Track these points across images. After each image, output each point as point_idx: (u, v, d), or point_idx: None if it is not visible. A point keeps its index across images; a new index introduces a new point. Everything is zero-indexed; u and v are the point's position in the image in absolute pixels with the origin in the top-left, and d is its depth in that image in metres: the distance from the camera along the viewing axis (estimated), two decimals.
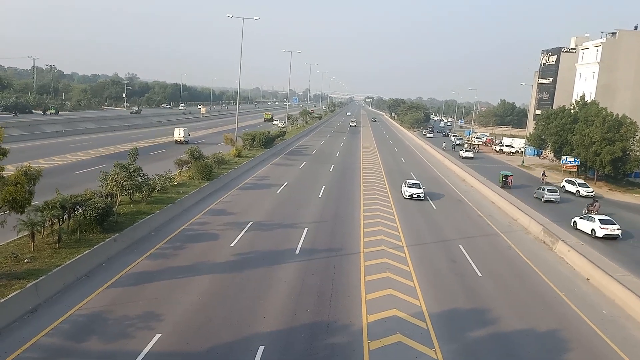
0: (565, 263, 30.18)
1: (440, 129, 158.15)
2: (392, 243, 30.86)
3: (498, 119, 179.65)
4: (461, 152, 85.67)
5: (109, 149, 61.72)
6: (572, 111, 71.03)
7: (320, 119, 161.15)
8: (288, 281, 23.41)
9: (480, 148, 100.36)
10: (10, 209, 21.02)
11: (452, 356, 17.82)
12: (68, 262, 21.74)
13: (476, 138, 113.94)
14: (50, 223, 24.86)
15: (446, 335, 19.28)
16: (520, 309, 22.58)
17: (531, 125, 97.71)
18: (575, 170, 63.74)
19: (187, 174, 44.30)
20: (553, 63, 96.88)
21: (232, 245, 28.09)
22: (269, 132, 76.80)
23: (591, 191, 53.54)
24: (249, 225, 32.20)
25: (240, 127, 76.49)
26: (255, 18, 65.16)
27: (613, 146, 56.78)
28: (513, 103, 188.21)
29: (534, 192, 51.63)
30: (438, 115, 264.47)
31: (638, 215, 46.54)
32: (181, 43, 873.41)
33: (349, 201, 42.49)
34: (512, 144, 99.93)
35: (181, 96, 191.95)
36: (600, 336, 20.55)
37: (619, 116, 61.01)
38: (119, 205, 31.29)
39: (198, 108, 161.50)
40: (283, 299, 21.36)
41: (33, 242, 23.33)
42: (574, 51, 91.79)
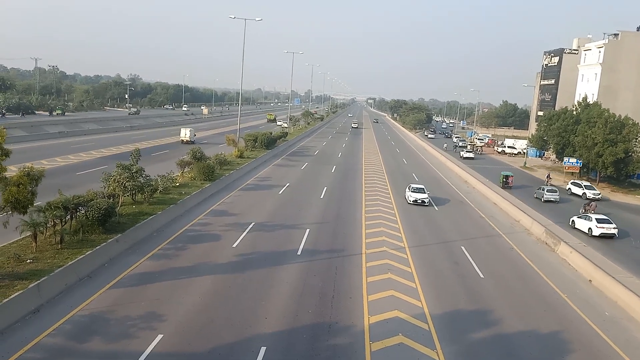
0: (567, 264, 30.14)
1: (442, 130, 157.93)
2: (394, 244, 30.85)
3: (500, 120, 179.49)
4: (462, 153, 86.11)
5: (111, 150, 61.85)
6: (575, 112, 70.95)
7: (322, 120, 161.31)
8: (290, 282, 23.42)
9: (483, 149, 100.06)
10: (12, 210, 21.08)
11: (454, 357, 17.82)
12: (70, 263, 21.80)
13: (478, 139, 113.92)
14: (52, 224, 24.92)
15: (448, 336, 19.27)
16: (522, 311, 22.55)
17: (533, 126, 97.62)
18: (577, 171, 63.67)
19: (189, 175, 44.33)
20: (555, 64, 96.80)
21: (234, 246, 28.12)
22: (271, 133, 76.91)
23: (598, 194, 52.33)
24: (251, 226, 32.22)
25: (242, 128, 76.53)
26: (257, 19, 65.19)
27: (615, 147, 56.74)
28: (515, 104, 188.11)
29: (534, 192, 52.06)
30: (440, 116, 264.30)
31: (639, 216, 46.51)
32: (183, 44, 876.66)
33: (351, 202, 42.49)
34: (514, 145, 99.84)
35: (183, 97, 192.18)
36: (602, 338, 20.51)
37: (622, 117, 60.98)
38: (121, 206, 31.36)
39: (201, 109, 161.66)
40: (285, 300, 21.37)
41: (35, 243, 23.38)
42: (576, 52, 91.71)
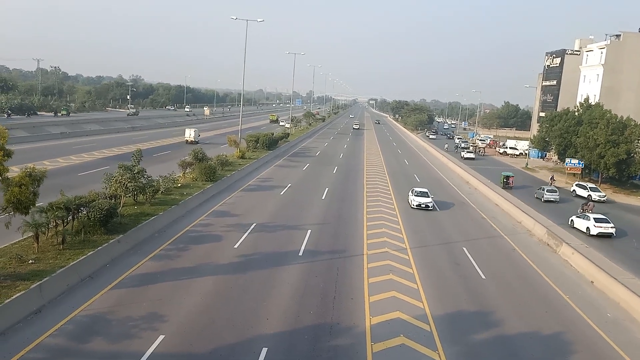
0: (569, 265, 30.09)
1: (444, 131, 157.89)
2: (396, 245, 30.82)
3: (502, 121, 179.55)
4: (463, 154, 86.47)
5: (113, 151, 61.91)
6: (576, 113, 70.91)
7: (323, 121, 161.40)
8: (291, 283, 23.41)
9: (486, 151, 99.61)
10: (14, 210, 21.12)
11: (456, 358, 17.78)
12: (72, 264, 21.80)
13: (480, 140, 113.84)
14: (54, 224, 24.92)
15: (450, 337, 19.24)
16: (524, 312, 22.51)
17: (535, 127, 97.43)
18: (579, 172, 63.59)
19: (191, 176, 44.36)
20: (557, 65, 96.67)
21: (236, 246, 28.11)
22: (273, 134, 76.97)
23: (603, 196, 51.79)
24: (253, 226, 32.22)
25: (243, 129, 76.63)
26: (259, 20, 65.24)
27: (617, 148, 56.69)
28: (517, 105, 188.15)
29: (535, 193, 52.51)
30: (442, 117, 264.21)
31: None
32: (185, 45, 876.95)
33: (352, 203, 42.47)
34: (516, 146, 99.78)
35: (185, 98, 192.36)
36: (604, 339, 20.46)
37: (624, 118, 60.95)
38: (123, 206, 31.37)
39: (203, 110, 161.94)
40: (286, 301, 21.35)
41: (37, 244, 23.40)
42: (578, 53, 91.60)
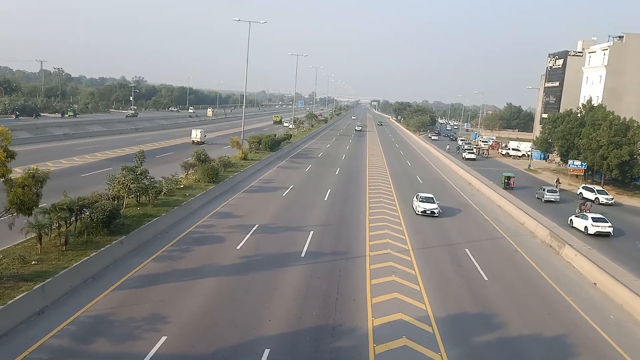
0: (572, 267, 30.02)
1: (446, 133, 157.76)
2: (398, 246, 30.80)
3: (504, 123, 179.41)
4: (464, 154, 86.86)
5: (116, 152, 62.02)
6: (579, 115, 70.81)
7: (326, 122, 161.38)
8: (294, 284, 23.41)
9: (489, 152, 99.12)
10: (17, 211, 21.14)
11: None
12: (75, 265, 21.85)
13: (482, 141, 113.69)
14: (57, 225, 24.97)
15: (452, 339, 19.21)
16: (526, 314, 22.48)
17: (538, 128, 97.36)
18: (582, 174, 63.45)
19: (194, 177, 44.43)
20: (560, 66, 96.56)
21: (238, 248, 28.13)
22: (275, 135, 77.00)
23: (611, 199, 51.48)
24: (255, 228, 32.24)
25: (246, 130, 76.75)
26: (261, 22, 65.35)
27: (620, 150, 56.57)
28: (519, 106, 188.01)
29: (536, 193, 53.21)
30: (444, 118, 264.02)
31: None
32: (188, 47, 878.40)
33: (355, 204, 42.46)
34: (519, 148, 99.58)
35: (188, 99, 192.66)
36: (607, 341, 20.41)
37: (626, 120, 60.82)
38: (126, 207, 31.44)
39: (206, 111, 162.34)
40: (288, 302, 21.35)
41: (40, 244, 23.47)
42: (581, 55, 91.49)
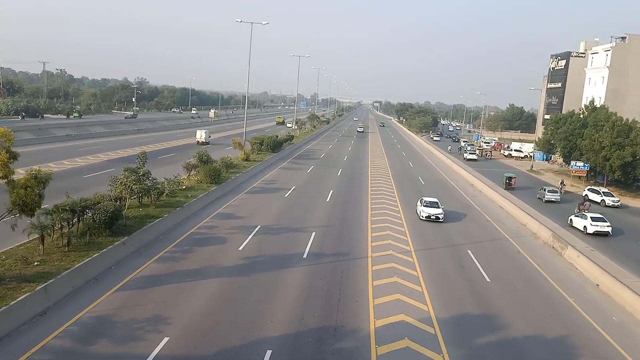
0: (574, 269, 29.95)
1: (449, 134, 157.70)
2: (400, 247, 30.77)
3: (506, 124, 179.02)
4: (465, 155, 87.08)
5: (118, 153, 62.12)
6: (582, 116, 70.68)
7: (328, 123, 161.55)
8: (296, 285, 23.41)
9: (492, 154, 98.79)
10: (20, 212, 21.16)
11: None
12: (77, 266, 21.90)
13: (485, 142, 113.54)
14: (59, 226, 25.00)
15: (454, 340, 19.19)
16: (529, 315, 22.43)
17: (540, 129, 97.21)
18: (584, 175, 63.37)
19: (196, 178, 44.48)
20: (562, 67, 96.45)
21: (240, 249, 28.15)
22: (277, 136, 77.07)
23: (617, 201, 50.88)
24: (257, 229, 32.25)
25: (248, 131, 76.80)
26: (263, 23, 65.38)
27: (623, 151, 56.45)
28: (522, 107, 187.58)
29: (537, 193, 53.56)
30: (446, 119, 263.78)
31: None
32: (190, 48, 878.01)
33: (357, 205, 42.45)
34: (521, 149, 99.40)
35: (190, 100, 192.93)
36: (610, 343, 20.36)
37: (629, 121, 60.70)
38: (128, 208, 31.45)
39: (210, 112, 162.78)
40: (291, 303, 21.35)
41: (43, 246, 23.50)
42: (583, 56, 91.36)
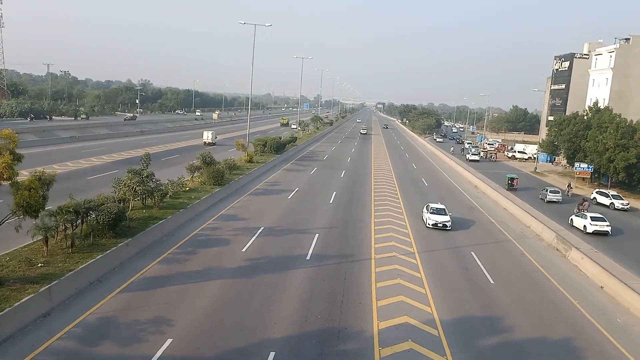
0: (578, 270, 29.84)
1: (452, 135, 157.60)
2: (404, 249, 30.73)
3: (510, 125, 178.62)
4: (468, 156, 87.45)
5: (122, 155, 62.28)
6: (585, 117, 70.47)
7: (331, 125, 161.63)
8: (299, 287, 23.40)
9: (497, 156, 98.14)
10: (24, 214, 21.23)
11: None
12: (81, 267, 21.93)
13: (488, 144, 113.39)
14: (63, 228, 25.05)
15: (458, 343, 19.13)
16: (533, 317, 22.35)
17: (544, 131, 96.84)
18: (588, 176, 63.18)
19: (199, 180, 44.53)
20: (566, 69, 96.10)
21: (243, 250, 28.15)
22: (280, 138, 77.15)
23: (626, 204, 49.99)
24: (260, 230, 32.26)
25: (251, 133, 76.86)
26: (266, 25, 65.39)
27: (627, 153, 56.25)
28: (525, 109, 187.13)
29: (539, 194, 54.06)
30: (450, 120, 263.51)
31: None
32: (194, 50, 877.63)
33: (360, 207, 42.41)
34: (525, 150, 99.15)
35: (193, 102, 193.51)
36: (614, 345, 20.27)
37: (633, 122, 60.48)
38: (132, 210, 31.50)
39: (212, 114, 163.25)
40: (294, 305, 21.34)
41: (46, 247, 23.56)
42: (587, 57, 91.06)
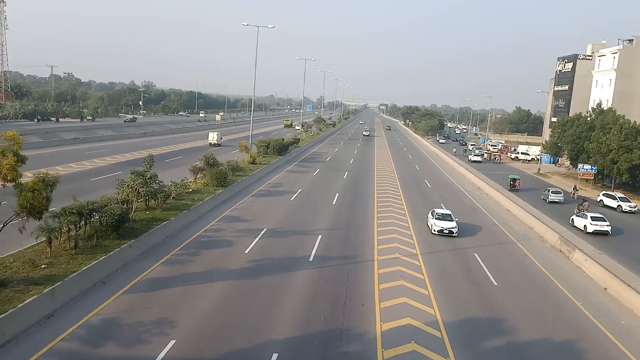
0: (582, 272, 29.76)
1: (456, 137, 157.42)
2: (407, 251, 30.71)
3: (513, 126, 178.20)
4: (470, 157, 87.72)
5: (125, 156, 62.38)
6: (589, 118, 70.30)
7: (334, 126, 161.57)
8: (302, 288, 23.40)
9: (501, 157, 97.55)
10: (28, 215, 21.29)
11: None
12: (84, 268, 21.98)
13: (491, 145, 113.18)
14: (67, 229, 25.16)
15: (461, 344, 19.10)
16: (536, 319, 22.30)
17: (547, 132, 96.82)
18: (592, 178, 63.07)
19: (202, 181, 44.59)
20: (569, 70, 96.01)
21: (246, 252, 28.18)
22: (283, 139, 77.19)
23: (634, 206, 49.07)
24: (263, 232, 32.28)
25: (254, 134, 77.01)
26: (270, 26, 65.60)
27: (631, 154, 56.06)
28: (528, 110, 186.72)
29: (541, 194, 54.36)
30: (453, 122, 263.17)
31: None
32: (197, 52, 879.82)
33: (363, 208, 42.41)
34: (528, 152, 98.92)
35: (196, 104, 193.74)
36: (618, 347, 20.20)
37: (637, 123, 60.27)
38: (135, 211, 31.58)
39: (215, 116, 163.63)
40: (297, 306, 21.34)
41: (50, 248, 23.61)
42: (590, 58, 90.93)
